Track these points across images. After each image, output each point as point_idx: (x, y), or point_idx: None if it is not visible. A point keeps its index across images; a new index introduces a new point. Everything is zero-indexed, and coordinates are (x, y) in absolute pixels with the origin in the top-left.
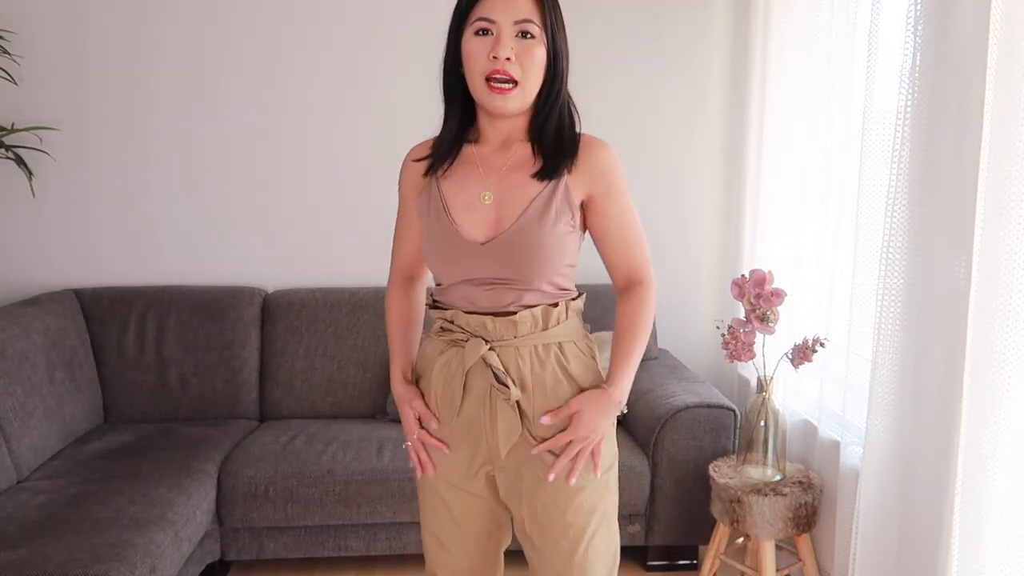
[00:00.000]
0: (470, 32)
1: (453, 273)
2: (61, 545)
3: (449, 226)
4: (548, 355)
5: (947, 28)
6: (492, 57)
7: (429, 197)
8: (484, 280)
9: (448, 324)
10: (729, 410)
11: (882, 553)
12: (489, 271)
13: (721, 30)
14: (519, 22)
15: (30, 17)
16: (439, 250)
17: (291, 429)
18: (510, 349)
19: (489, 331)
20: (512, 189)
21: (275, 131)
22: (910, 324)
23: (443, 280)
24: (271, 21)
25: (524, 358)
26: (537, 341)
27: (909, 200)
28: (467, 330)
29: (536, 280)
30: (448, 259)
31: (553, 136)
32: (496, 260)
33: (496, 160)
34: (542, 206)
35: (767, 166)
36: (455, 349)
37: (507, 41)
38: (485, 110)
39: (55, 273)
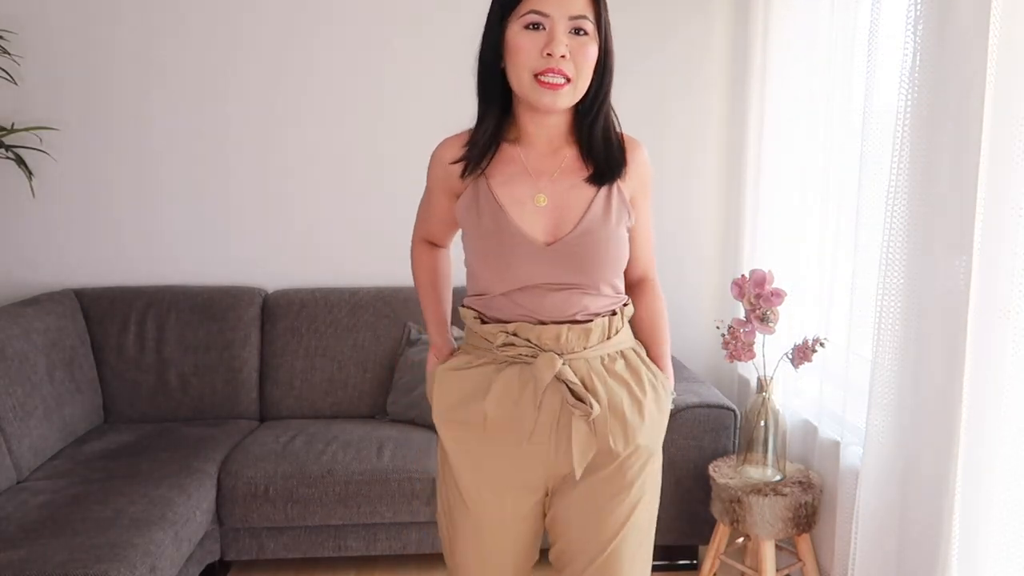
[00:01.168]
0: (518, 25)
1: (512, 278)
2: (61, 545)
3: (510, 226)
4: (614, 364)
5: (947, 28)
6: (546, 54)
7: (477, 197)
8: (548, 285)
9: (512, 338)
10: (729, 410)
11: (882, 553)
12: (554, 275)
13: (721, 30)
14: (574, 18)
15: (30, 17)
16: (497, 252)
17: (291, 429)
18: (580, 361)
19: (561, 343)
20: (567, 192)
21: (275, 131)
22: (910, 324)
23: (495, 288)
24: (272, 22)
25: (596, 370)
26: (603, 351)
27: (909, 200)
28: (534, 343)
29: (601, 283)
30: (507, 262)
31: (602, 139)
32: (563, 262)
33: (544, 163)
34: (602, 208)
35: (767, 166)
36: (517, 366)
37: (561, 37)
38: (530, 107)
39: (55, 273)
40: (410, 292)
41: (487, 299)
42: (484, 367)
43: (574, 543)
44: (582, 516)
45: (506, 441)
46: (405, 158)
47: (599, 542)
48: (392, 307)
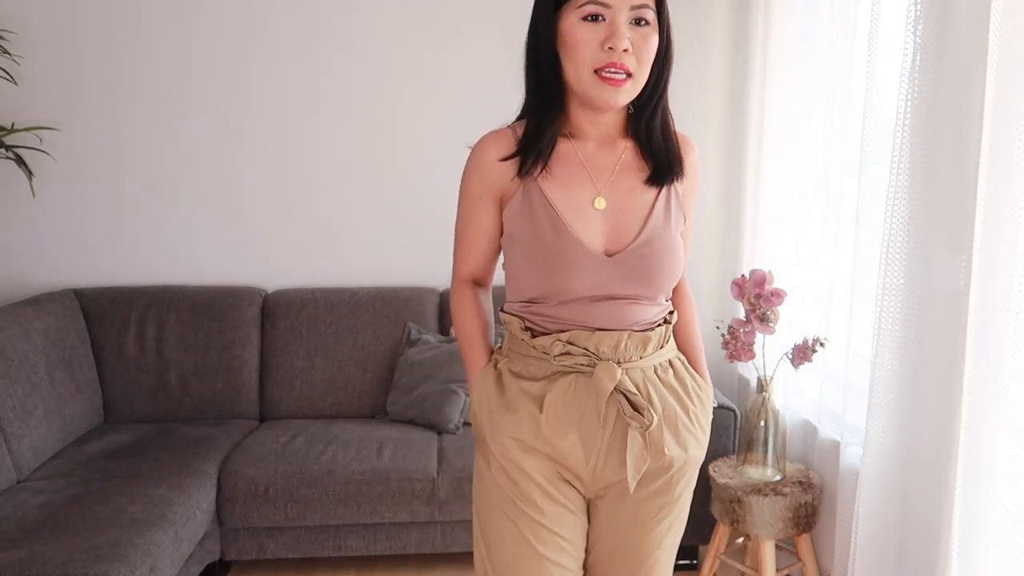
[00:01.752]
0: (575, 15)
1: (569, 290)
2: (61, 545)
3: (569, 236)
4: (666, 374)
5: (947, 28)
6: (607, 48)
7: (529, 201)
8: (608, 297)
9: (568, 347)
10: (729, 410)
11: (882, 553)
12: (615, 287)
13: (721, 30)
14: (636, 7)
15: (30, 17)
16: (553, 263)
17: (291, 429)
18: (636, 371)
19: (619, 351)
20: (626, 193)
21: (276, 131)
22: (910, 324)
23: (550, 298)
24: (272, 22)
25: (652, 381)
26: (656, 360)
27: (909, 200)
28: (592, 351)
29: (661, 293)
30: (565, 273)
31: (660, 139)
32: (626, 274)
33: (603, 160)
34: (663, 212)
35: (767, 166)
36: (571, 376)
37: (624, 30)
38: (585, 102)
39: (55, 273)
40: (410, 292)
41: (536, 307)
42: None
43: (615, 553)
44: (627, 527)
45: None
46: (406, 159)
47: (641, 554)
48: (392, 307)
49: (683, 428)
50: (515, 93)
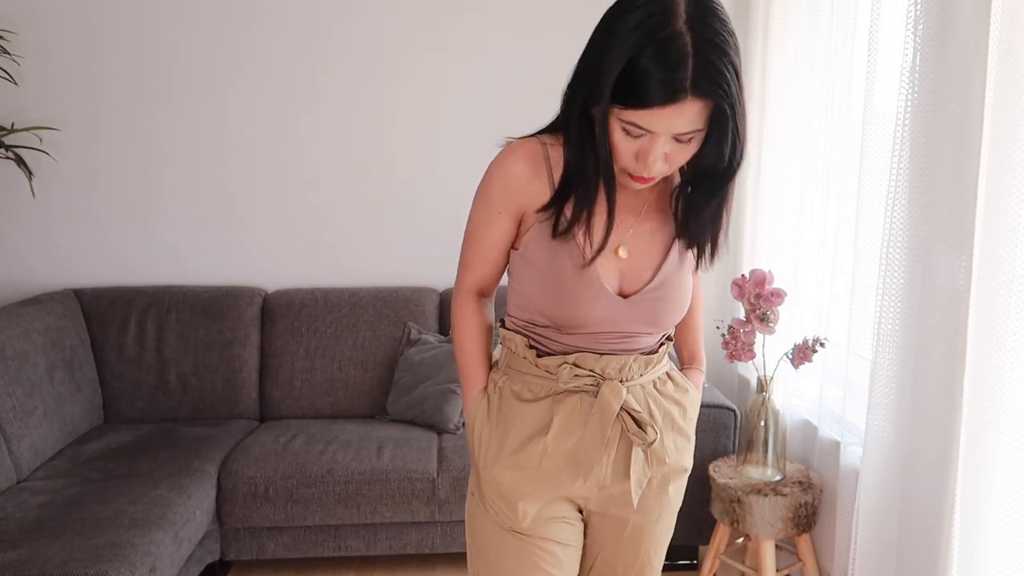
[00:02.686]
0: (617, 122)
1: (579, 324)
2: (61, 545)
3: (591, 276)
4: (665, 386)
5: (947, 28)
6: (638, 161)
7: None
8: (617, 333)
9: (576, 369)
10: (729, 410)
11: (882, 553)
12: (625, 325)
13: None
14: (680, 135)
15: (30, 17)
16: (569, 300)
17: (291, 429)
18: (637, 388)
19: (624, 372)
20: (645, 237)
21: (276, 131)
22: (910, 324)
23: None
24: (274, 22)
25: (652, 395)
26: (655, 375)
27: (909, 200)
28: (598, 373)
29: (670, 327)
30: (579, 310)
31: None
32: (637, 314)
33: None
34: (678, 255)
35: (767, 166)
36: (579, 395)
37: (659, 151)
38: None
39: (55, 273)
40: (410, 292)
41: (542, 330)
42: (541, 401)
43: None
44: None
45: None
46: (406, 159)
47: (639, 556)
48: (392, 307)
49: (680, 435)
50: (514, 94)
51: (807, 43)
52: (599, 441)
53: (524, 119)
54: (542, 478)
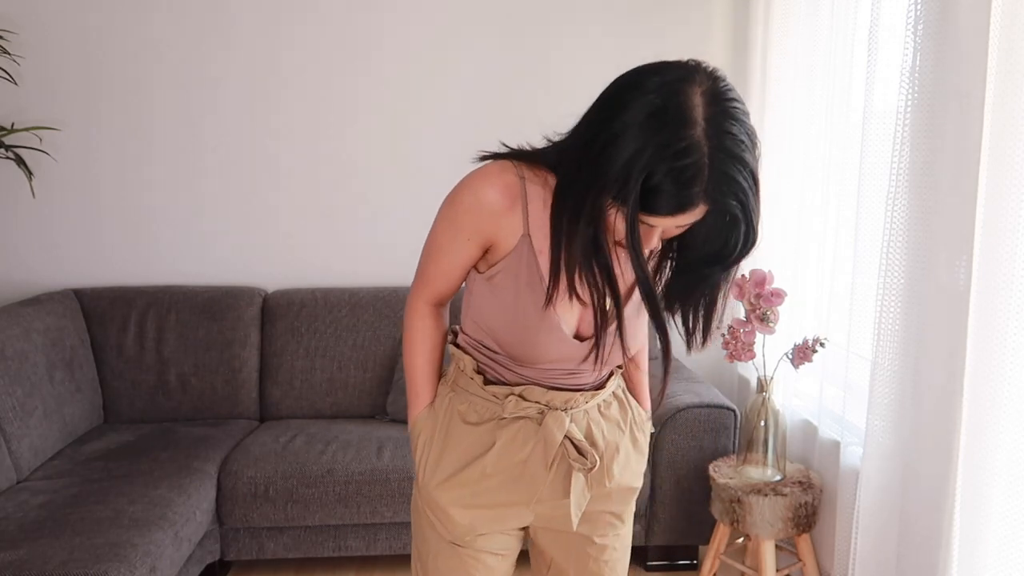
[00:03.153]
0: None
1: (533, 361)
2: (61, 545)
3: (550, 320)
4: (609, 409)
5: (947, 28)
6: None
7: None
8: (569, 370)
9: (521, 400)
10: (729, 410)
11: (882, 553)
12: (575, 362)
13: (721, 30)
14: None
15: (30, 17)
16: (525, 337)
17: (291, 429)
18: (580, 413)
19: (569, 403)
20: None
21: (275, 131)
22: (910, 324)
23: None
24: (272, 21)
25: (596, 421)
26: (599, 399)
27: (909, 200)
28: (544, 404)
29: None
30: (534, 347)
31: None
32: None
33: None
34: (637, 302)
35: (767, 166)
36: (522, 421)
37: (657, 239)
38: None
39: (55, 273)
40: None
41: (495, 357)
42: (485, 424)
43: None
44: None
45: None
46: (405, 159)
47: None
48: (392, 307)
49: (628, 454)
50: (513, 93)
51: (807, 43)
52: (542, 469)
53: (524, 119)
54: (481, 497)
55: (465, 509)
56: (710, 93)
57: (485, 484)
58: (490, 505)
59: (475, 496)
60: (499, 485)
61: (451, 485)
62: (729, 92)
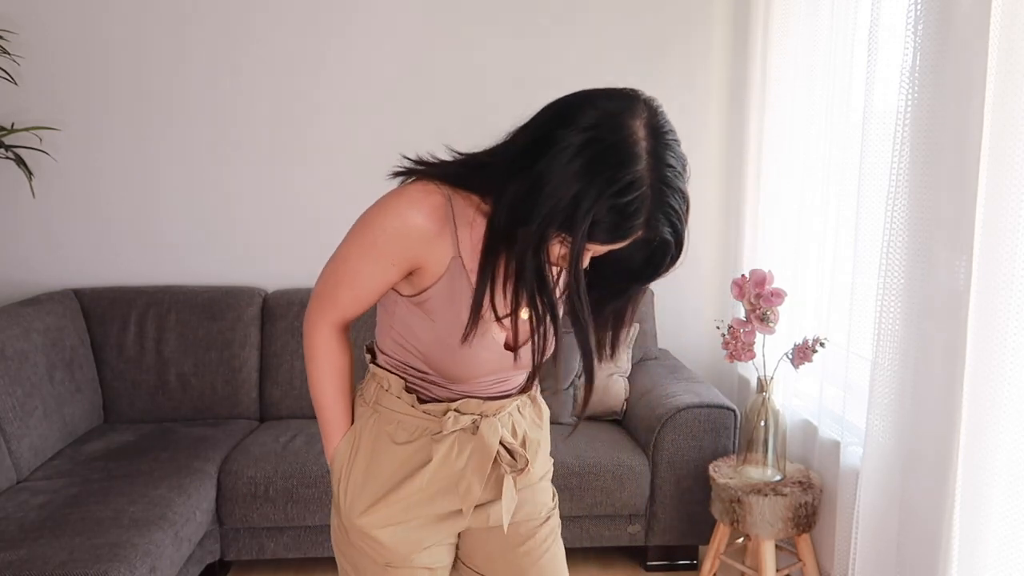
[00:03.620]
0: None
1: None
2: (61, 545)
3: (491, 339)
4: (525, 408)
5: (947, 28)
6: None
7: (453, 289)
8: (499, 377)
9: (456, 414)
10: (729, 410)
11: (882, 553)
12: (507, 370)
13: (721, 30)
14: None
15: (30, 17)
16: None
17: (291, 429)
18: (504, 414)
19: (500, 409)
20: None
21: (276, 131)
22: (910, 324)
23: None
24: (274, 22)
25: (519, 420)
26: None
27: (909, 200)
28: (479, 414)
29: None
30: (468, 364)
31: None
32: (521, 361)
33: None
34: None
35: (767, 166)
36: (457, 434)
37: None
38: None
39: (55, 273)
40: None
41: (426, 377)
42: (417, 442)
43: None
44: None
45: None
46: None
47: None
48: None
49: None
50: (511, 95)
51: (807, 43)
52: (480, 479)
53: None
54: (412, 511)
55: (396, 527)
56: (651, 126)
57: (418, 499)
58: (424, 518)
59: (406, 511)
60: (432, 498)
61: (378, 508)
62: (666, 123)
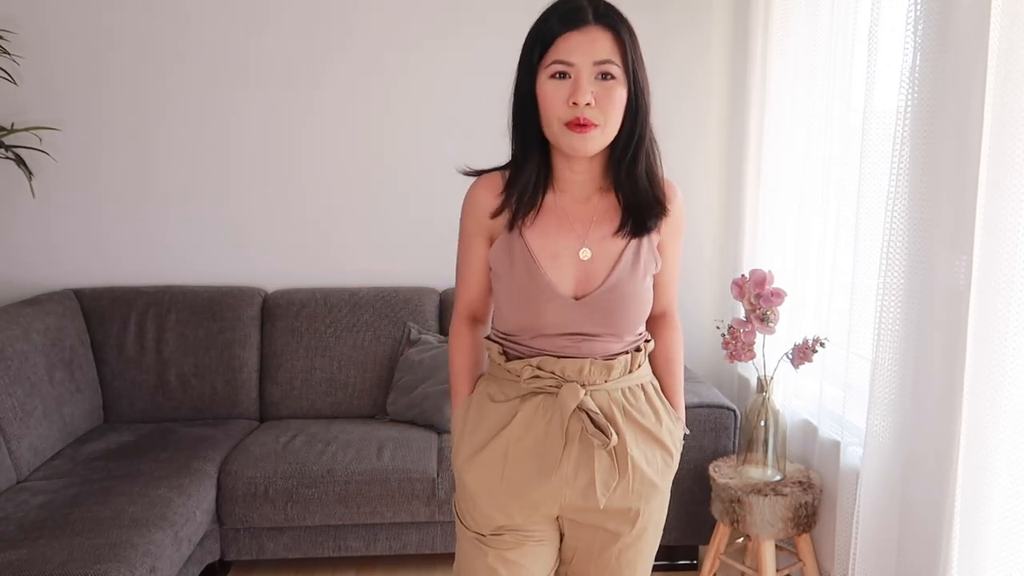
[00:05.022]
0: (545, 74)
1: (539, 327)
2: (61, 545)
3: (542, 279)
4: (635, 397)
5: (947, 28)
6: (571, 103)
7: (509, 245)
8: (573, 333)
9: (537, 371)
10: (729, 410)
11: (882, 553)
12: (580, 326)
13: (721, 29)
14: (599, 63)
15: (30, 17)
16: (526, 304)
17: (291, 429)
18: (601, 393)
19: (584, 375)
20: (598, 243)
21: (276, 131)
22: (910, 324)
23: (524, 332)
24: (274, 23)
25: (616, 401)
26: (624, 384)
27: (909, 200)
28: (559, 375)
29: (625, 333)
30: (536, 312)
31: (647, 187)
32: (589, 315)
33: (580, 211)
34: (631, 260)
35: (767, 166)
36: (542, 396)
37: (586, 85)
38: (562, 151)
39: (55, 273)
40: (410, 292)
41: (513, 338)
42: (510, 401)
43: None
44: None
45: (531, 468)
46: (406, 159)
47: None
48: (392, 307)
49: (653, 448)
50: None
51: (807, 43)
52: (558, 438)
53: None
54: (508, 480)
55: (485, 479)
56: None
57: (510, 464)
58: (515, 485)
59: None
60: (523, 465)
61: (478, 463)
62: None
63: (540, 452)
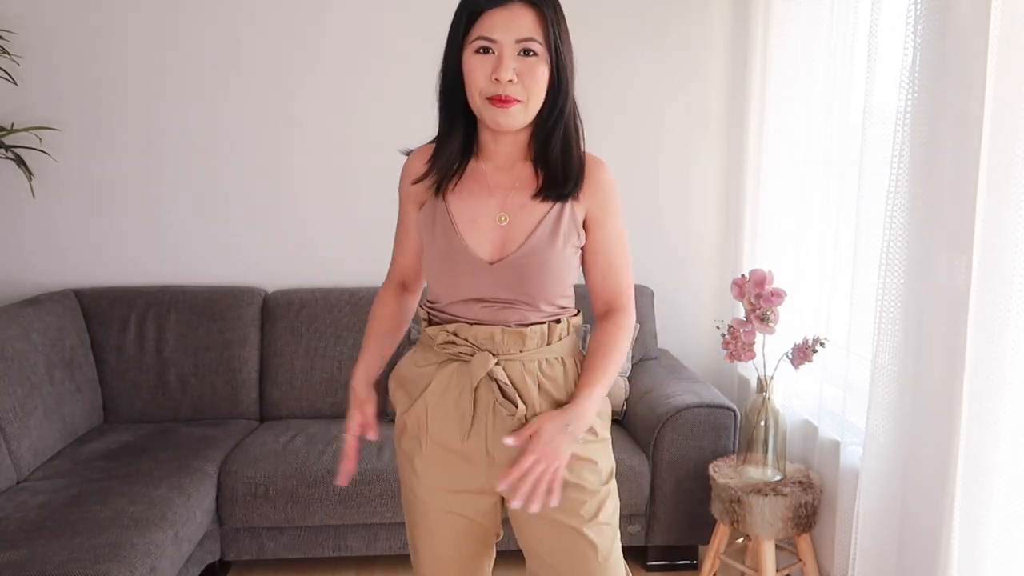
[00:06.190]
0: (470, 50)
1: (456, 291)
2: (61, 545)
3: (458, 243)
4: (554, 371)
5: (947, 28)
6: (494, 79)
7: (434, 213)
8: (488, 299)
9: (452, 337)
10: (729, 410)
11: (882, 553)
12: (495, 291)
13: (721, 29)
14: (521, 40)
15: (30, 17)
16: (444, 268)
17: (291, 429)
18: (515, 363)
19: (496, 343)
20: (518, 210)
21: (276, 131)
22: (910, 324)
23: (444, 298)
24: (273, 23)
25: (531, 373)
26: (541, 356)
27: (909, 200)
28: (472, 343)
29: (541, 302)
30: (453, 277)
31: (558, 156)
32: (503, 280)
33: (501, 178)
34: (550, 228)
35: (767, 166)
36: (457, 363)
37: (509, 62)
38: (486, 125)
39: (55, 273)
40: None
41: (437, 305)
42: (430, 367)
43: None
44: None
45: (446, 432)
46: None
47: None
48: None
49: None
50: None
51: (807, 43)
52: (468, 402)
53: None
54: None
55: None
56: None
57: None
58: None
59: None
60: (440, 421)
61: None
62: None
63: (455, 418)
